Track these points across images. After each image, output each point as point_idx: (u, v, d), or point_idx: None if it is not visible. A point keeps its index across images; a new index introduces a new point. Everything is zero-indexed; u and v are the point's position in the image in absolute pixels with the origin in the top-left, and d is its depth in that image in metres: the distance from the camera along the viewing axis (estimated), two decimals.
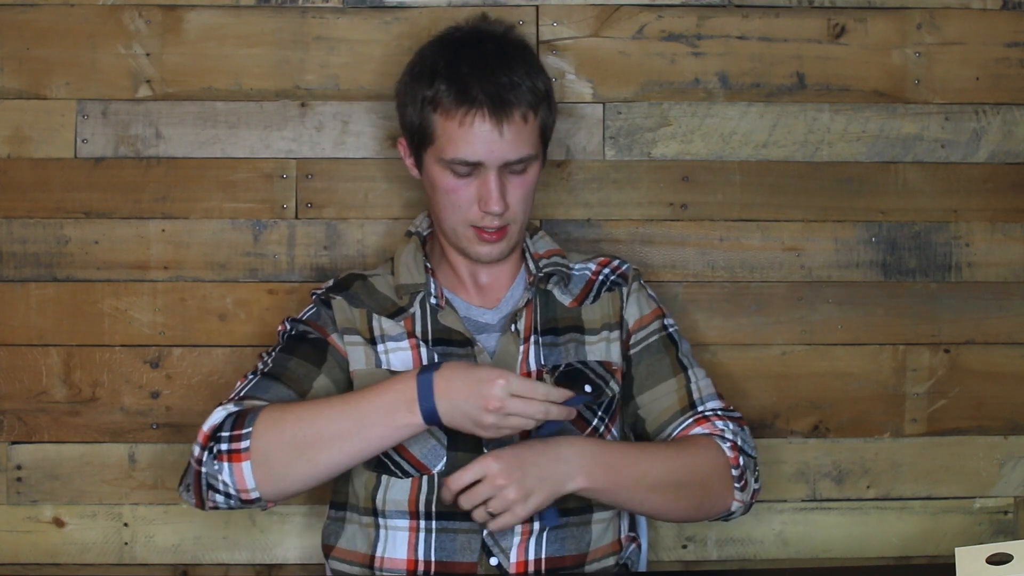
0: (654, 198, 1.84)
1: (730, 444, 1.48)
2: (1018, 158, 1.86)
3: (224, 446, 1.33)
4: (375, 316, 1.54)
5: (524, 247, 1.61)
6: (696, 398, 1.53)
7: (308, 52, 1.81)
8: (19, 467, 1.81)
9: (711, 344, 1.84)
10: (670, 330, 1.58)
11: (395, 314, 1.54)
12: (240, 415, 1.36)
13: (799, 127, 1.84)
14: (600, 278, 1.61)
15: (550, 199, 1.82)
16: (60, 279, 1.80)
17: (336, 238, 1.82)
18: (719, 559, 1.86)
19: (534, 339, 1.53)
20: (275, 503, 1.38)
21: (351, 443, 1.33)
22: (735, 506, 1.49)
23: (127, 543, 1.82)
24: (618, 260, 1.63)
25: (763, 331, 1.85)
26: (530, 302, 1.55)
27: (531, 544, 1.45)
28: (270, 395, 1.43)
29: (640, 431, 1.56)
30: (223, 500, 1.36)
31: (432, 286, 1.55)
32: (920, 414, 1.86)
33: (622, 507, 1.47)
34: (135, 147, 1.80)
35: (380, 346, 1.52)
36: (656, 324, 1.58)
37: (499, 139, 1.43)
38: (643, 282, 1.63)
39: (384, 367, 1.51)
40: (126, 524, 1.82)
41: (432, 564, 1.44)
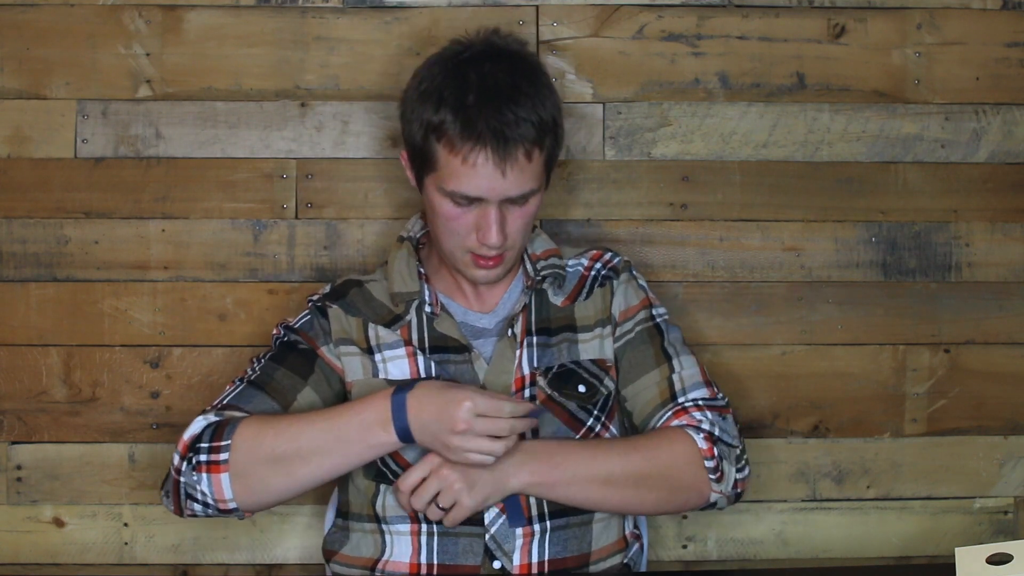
0: (654, 198, 1.84)
1: (704, 435, 1.45)
2: (1018, 158, 1.86)
3: (203, 457, 1.36)
4: (371, 325, 1.54)
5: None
6: (678, 389, 1.51)
7: (308, 52, 1.81)
8: (19, 467, 1.81)
9: (711, 344, 1.84)
10: (657, 320, 1.57)
11: (391, 322, 1.54)
12: (220, 426, 1.38)
13: (799, 127, 1.84)
14: (592, 274, 1.59)
15: (550, 199, 1.82)
16: (60, 279, 1.80)
17: (336, 238, 1.82)
18: (719, 559, 1.86)
19: (527, 341, 1.53)
20: (252, 513, 1.40)
21: (328, 459, 1.36)
22: (715, 497, 1.47)
23: (127, 543, 1.82)
24: (610, 253, 1.62)
25: (763, 331, 1.85)
26: (526, 306, 1.54)
27: (534, 546, 1.45)
28: (252, 406, 1.44)
29: (629, 424, 1.56)
30: (201, 509, 1.38)
31: (427, 294, 1.54)
32: (920, 414, 1.86)
33: (580, 504, 1.45)
34: (135, 147, 1.80)
35: (377, 355, 1.52)
36: (642, 314, 1.57)
37: (501, 178, 1.41)
38: (634, 273, 1.61)
39: (382, 376, 1.51)
40: (126, 524, 1.82)
41: (435, 567, 1.45)
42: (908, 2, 1.84)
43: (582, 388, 1.51)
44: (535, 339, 1.53)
